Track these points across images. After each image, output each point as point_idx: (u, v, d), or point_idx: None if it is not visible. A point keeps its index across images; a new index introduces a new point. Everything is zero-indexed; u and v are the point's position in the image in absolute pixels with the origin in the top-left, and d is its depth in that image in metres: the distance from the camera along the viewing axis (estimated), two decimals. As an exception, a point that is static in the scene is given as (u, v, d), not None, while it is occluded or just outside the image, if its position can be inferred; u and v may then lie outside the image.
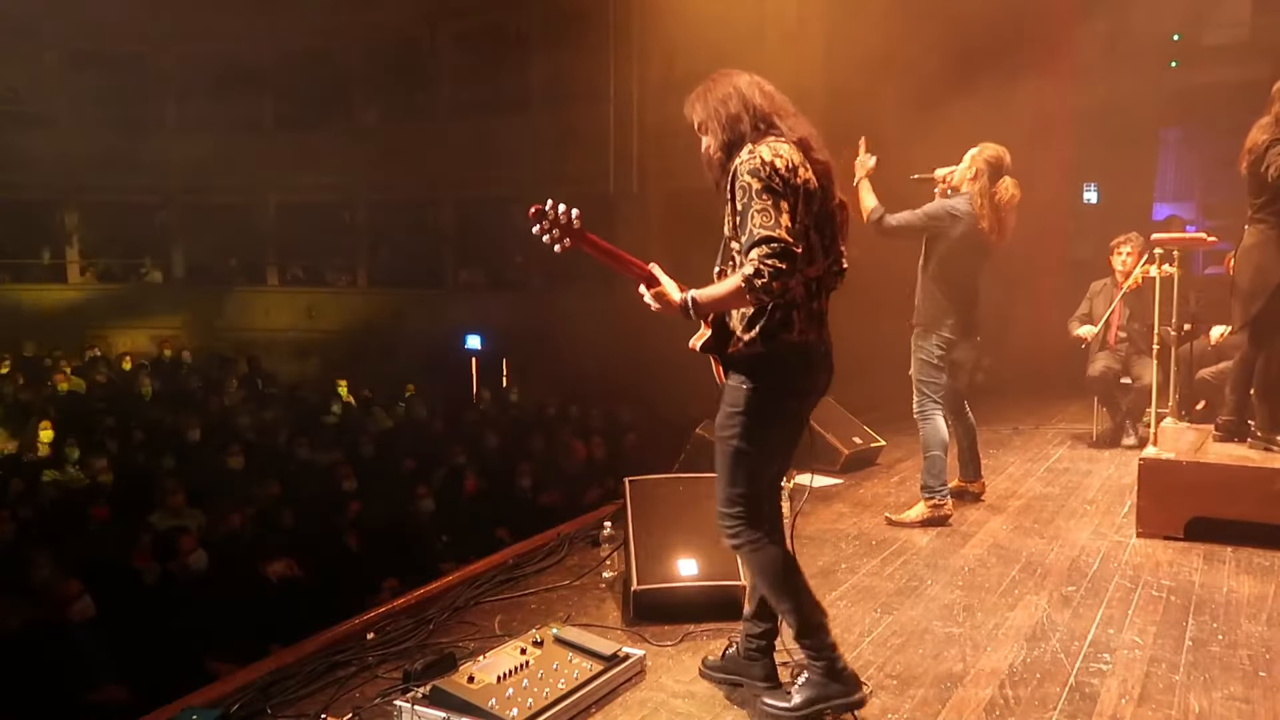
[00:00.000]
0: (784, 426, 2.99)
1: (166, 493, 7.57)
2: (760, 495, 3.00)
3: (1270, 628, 3.72)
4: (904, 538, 4.91)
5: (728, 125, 2.88)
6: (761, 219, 2.66)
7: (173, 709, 3.22)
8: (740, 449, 2.91)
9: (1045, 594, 4.11)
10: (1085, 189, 12.97)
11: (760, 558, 2.96)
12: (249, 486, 8.11)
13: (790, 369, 2.89)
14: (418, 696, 3.03)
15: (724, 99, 2.91)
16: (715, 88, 2.95)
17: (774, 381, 2.88)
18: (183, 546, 5.93)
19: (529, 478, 8.69)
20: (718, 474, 2.98)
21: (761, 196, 2.68)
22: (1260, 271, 4.78)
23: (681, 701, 3.22)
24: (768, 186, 2.70)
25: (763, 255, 2.62)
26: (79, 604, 5.08)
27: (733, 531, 2.97)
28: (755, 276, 2.61)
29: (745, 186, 2.72)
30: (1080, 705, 3.12)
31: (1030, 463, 6.62)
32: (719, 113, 2.91)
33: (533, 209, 2.78)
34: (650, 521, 4.08)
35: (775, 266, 2.60)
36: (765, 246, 2.62)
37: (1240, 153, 4.80)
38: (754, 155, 2.76)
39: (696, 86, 3.00)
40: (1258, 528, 4.61)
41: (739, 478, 2.93)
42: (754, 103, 2.88)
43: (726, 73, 2.98)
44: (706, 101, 2.95)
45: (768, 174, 2.71)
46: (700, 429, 5.77)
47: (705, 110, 2.95)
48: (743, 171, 2.74)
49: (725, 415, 2.93)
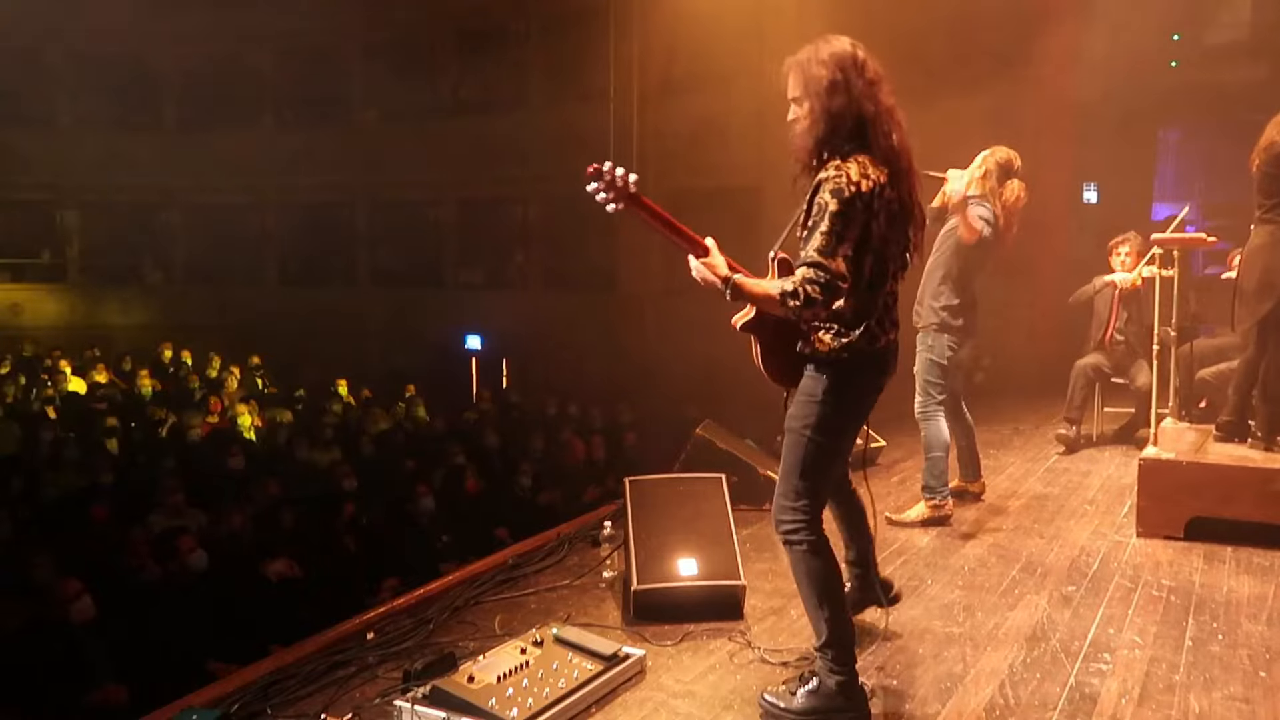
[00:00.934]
0: (857, 423, 3.04)
1: (166, 493, 7.57)
2: (824, 494, 3.01)
3: (1270, 628, 3.72)
4: (904, 538, 4.91)
5: (829, 118, 2.80)
6: (823, 242, 2.67)
7: (173, 709, 3.22)
8: (817, 441, 2.91)
9: (1045, 594, 4.11)
10: (1085, 189, 12.97)
11: (811, 561, 2.94)
12: (249, 486, 8.11)
13: (870, 373, 2.96)
14: (418, 696, 3.04)
15: (832, 87, 2.79)
16: (823, 66, 2.81)
17: (858, 381, 2.94)
18: (183, 546, 5.92)
19: (529, 477, 8.68)
20: (784, 466, 2.98)
21: (833, 220, 2.69)
22: (1268, 273, 4.74)
23: (681, 701, 3.22)
24: (843, 212, 2.70)
25: (807, 278, 2.65)
26: (79, 604, 5.08)
27: (791, 527, 2.94)
28: (791, 296, 2.65)
29: (822, 204, 2.72)
30: (1080, 705, 3.12)
31: (1030, 463, 6.61)
32: (824, 102, 2.79)
33: (590, 167, 2.76)
34: (650, 521, 4.08)
35: (813, 295, 2.64)
36: (814, 270, 2.66)
37: (1253, 150, 4.77)
38: (841, 173, 2.73)
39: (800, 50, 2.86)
40: (1258, 528, 4.61)
41: (809, 469, 2.93)
42: (858, 101, 2.78)
43: (836, 39, 2.84)
44: (811, 74, 2.82)
45: (849, 197, 2.70)
46: (700, 429, 5.76)
47: (808, 86, 2.83)
48: (825, 188, 2.73)
49: (802, 406, 2.93)
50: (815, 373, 2.92)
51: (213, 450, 9.84)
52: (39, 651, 4.83)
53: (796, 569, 2.99)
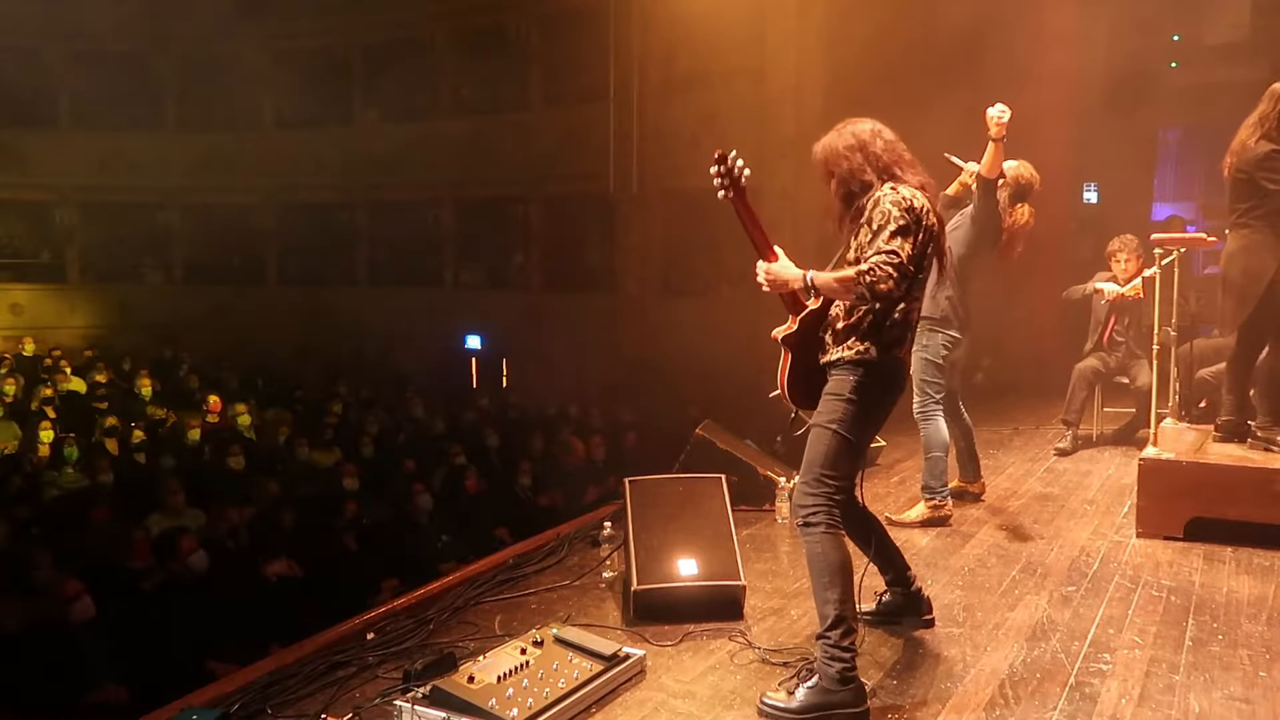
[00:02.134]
0: (876, 424, 3.30)
1: (166, 493, 7.57)
2: (842, 486, 3.19)
3: (1270, 628, 3.72)
4: (904, 538, 4.89)
5: (850, 176, 3.22)
6: (893, 240, 3.03)
7: (172, 709, 3.22)
8: (842, 435, 3.15)
9: (1045, 594, 4.11)
10: (1085, 189, 12.98)
11: (827, 543, 3.11)
12: (249, 486, 8.11)
13: (892, 378, 3.24)
14: (418, 696, 3.04)
15: (847, 151, 3.23)
16: (839, 138, 3.26)
17: (882, 383, 3.20)
18: (183, 546, 5.92)
19: (528, 477, 8.68)
20: (809, 458, 3.19)
21: (898, 222, 3.06)
22: (1248, 274, 4.77)
23: (681, 701, 3.22)
24: (904, 219, 3.07)
25: (880, 261, 2.99)
26: (79, 604, 5.09)
27: (811, 509, 3.14)
28: (867, 273, 2.98)
29: (886, 212, 3.09)
30: (1080, 705, 3.12)
31: (1030, 463, 6.61)
32: (842, 164, 3.23)
33: (717, 152, 3.16)
34: (650, 521, 4.08)
35: (887, 272, 2.97)
36: (887, 256, 3.00)
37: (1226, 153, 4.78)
38: (897, 190, 3.14)
39: (824, 134, 3.30)
40: (1258, 528, 4.61)
41: (832, 461, 3.15)
42: (874, 153, 3.20)
43: (850, 121, 3.29)
44: (831, 150, 3.27)
45: (906, 208, 3.09)
46: (700, 429, 5.76)
47: (830, 159, 3.27)
48: (886, 200, 3.11)
49: (829, 403, 3.18)
50: (843, 373, 3.18)
51: (213, 450, 9.85)
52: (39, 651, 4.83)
53: (811, 551, 3.14)
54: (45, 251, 19.43)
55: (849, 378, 3.15)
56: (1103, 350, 6.89)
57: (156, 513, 7.36)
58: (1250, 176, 4.64)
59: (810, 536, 3.13)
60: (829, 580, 3.07)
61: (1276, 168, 4.56)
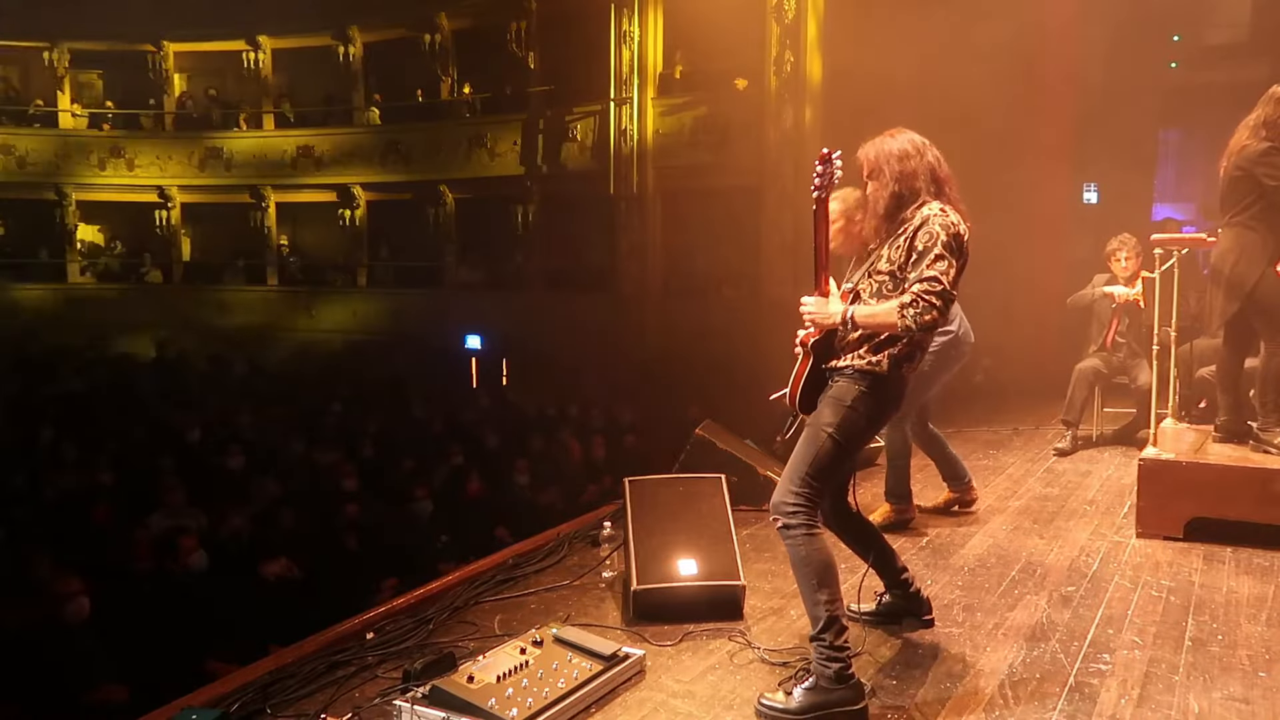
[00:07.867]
0: (870, 435, 3.31)
1: (166, 493, 7.57)
2: (824, 491, 3.19)
3: (1270, 628, 3.72)
4: (904, 538, 4.91)
5: (902, 179, 3.14)
6: (938, 265, 3.00)
7: (172, 709, 3.22)
8: (836, 440, 3.12)
9: (1045, 594, 4.11)
10: (1085, 189, 12.97)
11: (810, 545, 3.09)
12: (249, 486, 8.11)
13: (895, 395, 3.23)
14: (417, 696, 3.04)
15: (903, 155, 3.15)
16: (894, 140, 3.18)
17: (885, 396, 3.19)
18: (183, 546, 5.92)
19: (528, 477, 8.68)
20: (797, 458, 3.16)
21: (946, 246, 3.03)
22: (1238, 271, 4.78)
23: (681, 701, 3.22)
24: (951, 243, 3.04)
25: (924, 290, 2.97)
26: (77, 603, 5.08)
27: (791, 510, 3.10)
28: (910, 305, 2.97)
29: (933, 234, 3.04)
30: (1080, 705, 3.12)
31: (1030, 463, 6.61)
32: (896, 167, 3.15)
33: (824, 151, 3.07)
34: (650, 521, 4.08)
35: (930, 303, 2.96)
36: (930, 284, 2.97)
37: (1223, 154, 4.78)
38: (946, 214, 3.09)
39: (874, 135, 3.22)
40: (1257, 528, 4.61)
41: (820, 465, 3.12)
42: (929, 163, 3.16)
43: (903, 130, 3.23)
44: (885, 152, 3.18)
45: (954, 233, 3.06)
46: (700, 429, 5.76)
47: (881, 160, 3.18)
48: (934, 222, 3.06)
49: (831, 407, 3.15)
50: (849, 381, 3.16)
51: (213, 450, 9.84)
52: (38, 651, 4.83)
53: (794, 555, 3.11)
54: (45, 251, 19.50)
55: (854, 386, 3.13)
56: (1105, 352, 6.89)
57: (156, 513, 7.36)
58: (1249, 173, 4.65)
59: (792, 539, 3.10)
60: (817, 582, 3.06)
61: (1276, 163, 4.57)
